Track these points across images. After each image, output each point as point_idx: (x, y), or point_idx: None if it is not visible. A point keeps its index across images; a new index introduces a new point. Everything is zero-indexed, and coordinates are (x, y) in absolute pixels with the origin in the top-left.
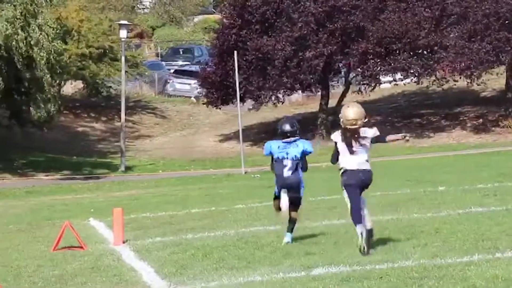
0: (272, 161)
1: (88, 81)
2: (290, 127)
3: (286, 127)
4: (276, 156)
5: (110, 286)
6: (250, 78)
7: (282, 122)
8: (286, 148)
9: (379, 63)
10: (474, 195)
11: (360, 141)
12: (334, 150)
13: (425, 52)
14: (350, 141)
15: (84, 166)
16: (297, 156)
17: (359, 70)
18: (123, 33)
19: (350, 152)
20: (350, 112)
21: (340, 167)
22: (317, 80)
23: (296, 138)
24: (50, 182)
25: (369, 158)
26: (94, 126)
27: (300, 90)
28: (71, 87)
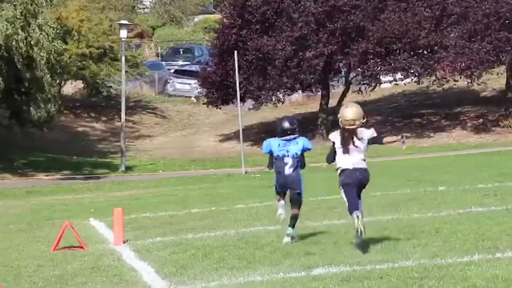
0: (270, 159)
1: (88, 81)
2: (289, 125)
3: (286, 125)
4: (276, 154)
5: (111, 286)
6: (250, 78)
7: (281, 120)
8: (286, 145)
9: (379, 63)
10: (475, 195)
11: (357, 141)
12: (331, 149)
13: (425, 52)
14: (348, 141)
15: (84, 166)
16: (297, 153)
17: (359, 70)
18: (123, 33)
19: (347, 152)
20: (349, 112)
21: (337, 167)
22: (317, 80)
23: (295, 135)
24: (50, 182)
25: (365, 158)
26: (94, 126)
27: (300, 90)
28: (71, 87)
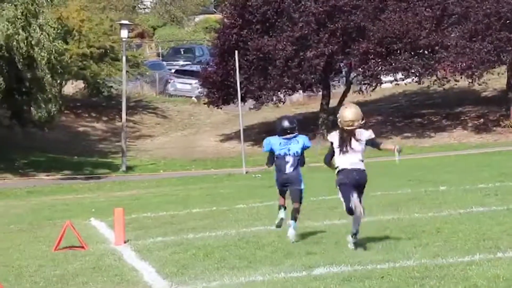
0: (269, 157)
1: (89, 81)
2: (289, 124)
3: (286, 124)
4: (277, 153)
5: (111, 286)
6: (251, 78)
7: (281, 119)
8: (287, 144)
9: (380, 63)
10: (475, 195)
11: (355, 142)
12: (329, 150)
13: (426, 52)
14: (346, 141)
15: (85, 166)
16: (298, 152)
17: (360, 70)
18: (124, 33)
19: (346, 152)
20: (348, 113)
21: (335, 166)
22: (318, 80)
23: (295, 134)
24: (51, 182)
25: (363, 159)
26: (95, 126)
27: (301, 90)
28: (72, 87)
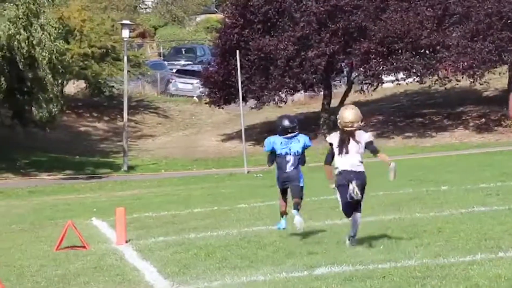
0: (270, 156)
1: (90, 80)
2: (290, 123)
3: (286, 123)
4: (279, 152)
5: (113, 285)
6: (252, 78)
7: (281, 119)
8: (288, 143)
9: (381, 63)
10: (477, 195)
11: (355, 143)
12: (329, 151)
13: (427, 51)
14: (345, 142)
15: (86, 165)
16: (299, 151)
17: (362, 69)
18: (125, 32)
19: (345, 153)
20: (348, 114)
21: (335, 167)
22: (319, 79)
23: (296, 133)
24: (52, 181)
25: (362, 160)
26: (97, 126)
27: (302, 90)
28: (74, 87)
